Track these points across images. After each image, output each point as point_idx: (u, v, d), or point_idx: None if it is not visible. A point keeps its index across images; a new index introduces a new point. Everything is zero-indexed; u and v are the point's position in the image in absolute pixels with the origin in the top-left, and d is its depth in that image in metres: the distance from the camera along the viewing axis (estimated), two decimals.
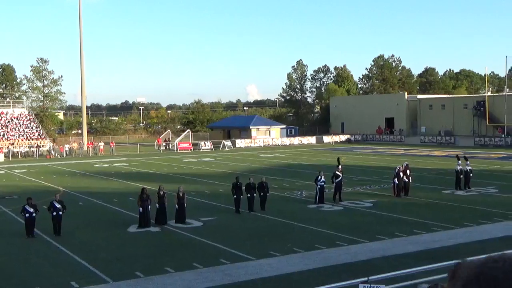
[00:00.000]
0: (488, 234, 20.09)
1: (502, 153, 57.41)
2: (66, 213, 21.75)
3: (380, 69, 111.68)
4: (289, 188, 33.05)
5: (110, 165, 51.96)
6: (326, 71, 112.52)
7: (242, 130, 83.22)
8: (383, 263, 16.04)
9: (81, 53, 73.34)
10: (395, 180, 29.32)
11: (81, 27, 72.56)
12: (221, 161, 54.09)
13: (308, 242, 19.00)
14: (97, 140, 77.62)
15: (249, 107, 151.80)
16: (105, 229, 22.12)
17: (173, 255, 17.77)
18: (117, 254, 18.06)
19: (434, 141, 76.44)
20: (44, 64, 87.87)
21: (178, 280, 15.09)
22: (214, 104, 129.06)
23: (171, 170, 46.09)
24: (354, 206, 26.41)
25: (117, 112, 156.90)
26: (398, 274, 12.89)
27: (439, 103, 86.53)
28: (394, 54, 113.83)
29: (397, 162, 37.18)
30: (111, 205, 28.05)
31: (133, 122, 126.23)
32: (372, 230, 20.91)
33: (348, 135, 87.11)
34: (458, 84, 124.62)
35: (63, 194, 28.54)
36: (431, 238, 19.59)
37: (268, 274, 15.49)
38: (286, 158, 56.73)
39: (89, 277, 15.53)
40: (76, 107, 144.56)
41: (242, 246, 18.64)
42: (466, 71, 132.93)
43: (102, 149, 68.39)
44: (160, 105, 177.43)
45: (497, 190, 30.90)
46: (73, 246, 19.23)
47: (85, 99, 77.67)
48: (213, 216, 24.28)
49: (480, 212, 24.18)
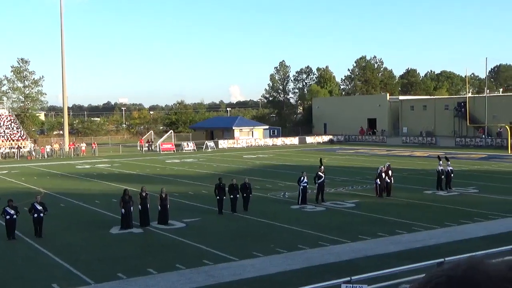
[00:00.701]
0: (469, 234, 20.30)
1: (482, 154, 58.01)
2: (48, 215, 21.58)
3: (362, 70, 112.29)
4: (272, 189, 33.10)
5: (92, 166, 51.63)
6: (308, 72, 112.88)
7: (225, 131, 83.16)
8: (365, 263, 16.13)
9: (63, 53, 72.83)
10: (377, 180, 29.50)
11: (62, 28, 72.06)
12: (204, 162, 54.01)
13: (291, 243, 19.05)
14: (79, 141, 77.07)
15: (232, 108, 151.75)
16: (87, 231, 21.98)
17: (155, 256, 17.71)
18: (99, 256, 17.96)
19: (416, 142, 77.02)
20: (25, 65, 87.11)
21: (161, 281, 15.05)
22: (197, 105, 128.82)
23: (154, 171, 45.92)
24: (337, 207, 26.53)
25: (99, 113, 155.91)
26: (380, 274, 12.98)
27: (420, 104, 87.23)
28: (376, 56, 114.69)
29: (379, 163, 37.41)
30: (93, 206, 27.87)
31: (115, 123, 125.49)
32: (354, 230, 21.02)
33: (331, 135, 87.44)
34: (439, 85, 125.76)
35: (44, 196, 28.32)
36: (413, 238, 19.75)
37: (251, 275, 15.51)
38: (269, 158, 56.80)
39: (71, 279, 15.43)
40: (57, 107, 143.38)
41: (225, 247, 18.64)
42: (447, 72, 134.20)
43: (84, 150, 67.91)
44: (142, 106, 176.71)
45: (478, 190, 31.21)
46: (55, 248, 19.09)
47: (66, 99, 77.10)
48: (196, 217, 24.24)
49: (461, 212, 24.42)
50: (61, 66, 73.15)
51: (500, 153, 58.40)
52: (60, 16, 71.43)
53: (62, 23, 71.84)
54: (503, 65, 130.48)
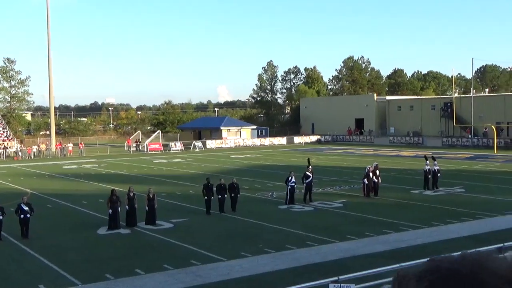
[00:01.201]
0: (455, 233, 20.43)
1: (469, 153, 58.43)
2: (34, 216, 21.44)
3: (350, 71, 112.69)
4: (260, 189, 33.11)
5: (79, 166, 51.37)
6: (296, 72, 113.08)
7: (213, 131, 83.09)
8: (353, 263, 16.19)
9: (49, 53, 72.42)
10: (364, 180, 29.61)
11: (49, 27, 71.64)
12: (191, 162, 53.92)
13: (279, 243, 19.07)
14: (66, 141, 76.65)
15: (219, 108, 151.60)
16: (74, 232, 21.87)
17: (143, 257, 17.66)
18: (86, 257, 17.87)
19: (403, 142, 77.40)
20: (11, 64, 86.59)
21: (148, 282, 15.01)
22: (185, 105, 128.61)
23: (141, 171, 45.78)
24: (325, 207, 26.59)
25: (86, 113, 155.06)
26: (368, 273, 13.03)
27: (407, 104, 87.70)
28: (363, 56, 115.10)
29: (366, 163, 37.54)
30: (80, 207, 27.72)
31: (103, 123, 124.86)
32: (342, 230, 21.09)
33: (319, 135, 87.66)
34: (426, 86, 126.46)
35: (31, 196, 28.14)
36: (400, 237, 19.85)
37: (239, 275, 15.51)
38: (257, 159, 56.82)
39: (58, 280, 15.35)
40: (44, 108, 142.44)
41: (213, 247, 18.62)
42: (434, 72, 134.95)
43: (71, 150, 67.54)
44: (130, 106, 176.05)
45: (464, 190, 31.43)
46: (41, 249, 18.97)
47: (53, 99, 76.65)
48: (184, 218, 24.19)
49: (448, 212, 24.57)
50: (48, 65, 72.75)
51: (486, 153, 58.86)
52: (47, 16, 71.06)
53: (49, 22, 71.46)
54: (489, 66, 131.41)
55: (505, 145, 65.11)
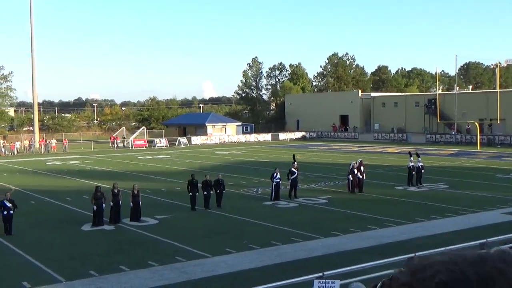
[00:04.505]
0: (439, 228, 20.60)
1: (452, 150, 58.88)
2: (17, 212, 21.27)
3: (335, 67, 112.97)
4: (245, 185, 33.11)
5: (63, 162, 51.00)
6: (281, 69, 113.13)
7: (198, 127, 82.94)
8: (337, 259, 16.26)
9: (32, 48, 71.72)
10: (349, 176, 29.73)
11: (32, 22, 70.96)
12: (176, 158, 53.78)
13: (264, 239, 19.10)
14: (49, 137, 75.99)
15: (204, 104, 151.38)
16: (58, 228, 21.73)
17: (128, 254, 17.60)
18: (70, 253, 17.76)
19: (387, 138, 77.80)
20: None
21: (133, 279, 14.96)
22: (169, 101, 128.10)
23: (126, 167, 45.56)
24: (310, 203, 26.66)
25: (70, 109, 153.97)
26: (352, 269, 13.09)
27: (391, 101, 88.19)
28: (348, 52, 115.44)
29: (351, 159, 37.67)
30: (64, 203, 27.55)
31: (87, 119, 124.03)
32: (327, 226, 21.16)
33: (304, 132, 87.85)
34: (410, 82, 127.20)
35: (14, 193, 27.91)
36: (384, 233, 19.96)
37: (224, 271, 15.51)
38: (242, 155, 56.81)
39: (41, 277, 15.24)
40: (27, 103, 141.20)
41: (198, 244, 18.60)
42: (418, 69, 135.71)
43: (54, 146, 67.05)
44: (114, 102, 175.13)
45: (448, 186, 31.67)
46: (25, 245, 18.82)
47: (36, 95, 76.04)
48: (169, 214, 24.13)
49: (432, 208, 24.75)
50: (31, 61, 72.05)
51: (470, 149, 59.36)
52: (30, 11, 70.38)
53: (32, 17, 70.79)
54: (472, 63, 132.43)
55: (488, 141, 65.69)
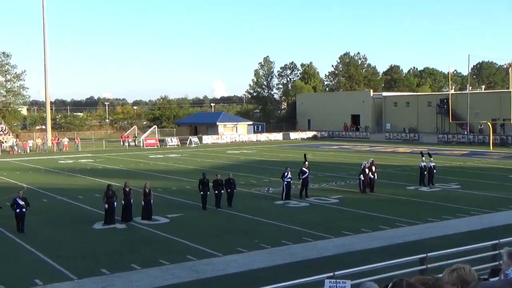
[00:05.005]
0: (451, 229, 20.49)
1: (464, 150, 58.53)
2: (30, 210, 21.39)
3: (346, 67, 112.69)
4: (256, 184, 33.12)
5: (75, 161, 51.28)
6: (292, 68, 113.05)
7: (209, 127, 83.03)
8: (348, 259, 16.22)
9: (45, 47, 72.14)
10: (360, 176, 29.65)
11: (44, 21, 71.36)
12: (187, 157, 53.90)
13: (275, 238, 19.09)
14: (62, 136, 76.48)
15: (216, 104, 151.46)
16: (69, 226, 21.85)
17: (139, 252, 17.66)
18: (82, 251, 17.86)
19: (399, 138, 77.49)
20: (7, 58, 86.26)
21: (144, 277, 15.01)
22: (181, 100, 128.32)
23: (138, 166, 45.74)
24: (321, 202, 26.62)
25: (82, 108, 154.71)
26: (363, 269, 13.04)
27: (403, 101, 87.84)
28: (359, 52, 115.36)
29: (363, 159, 37.56)
30: (76, 202, 27.70)
31: (99, 118, 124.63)
32: (338, 226, 21.12)
33: (315, 131, 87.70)
34: (422, 82, 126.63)
35: (27, 191, 28.09)
36: (395, 233, 19.89)
37: (235, 270, 15.53)
38: (253, 154, 56.83)
39: (53, 275, 15.33)
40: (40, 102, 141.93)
41: (209, 243, 18.63)
42: (430, 69, 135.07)
43: (66, 145, 67.44)
44: (126, 101, 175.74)
45: (460, 186, 31.49)
46: (37, 243, 18.94)
47: (49, 94, 76.55)
48: (180, 213, 24.19)
49: (443, 208, 24.63)
50: (44, 60, 72.48)
51: (482, 149, 58.98)
52: (43, 10, 70.78)
53: (45, 16, 71.21)
54: (485, 62, 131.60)
55: (500, 142, 65.24)
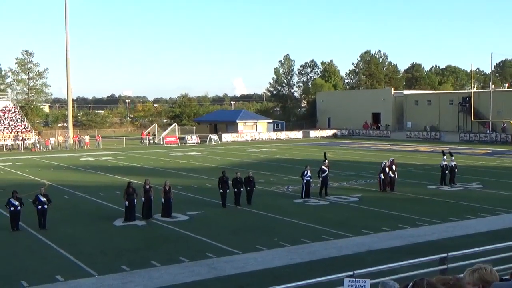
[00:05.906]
0: (472, 228, 20.28)
1: (487, 149, 57.90)
2: (52, 207, 21.63)
3: (367, 65, 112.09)
4: (275, 182, 33.10)
5: (96, 158, 51.72)
6: (313, 66, 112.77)
7: (229, 124, 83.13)
8: (368, 258, 16.14)
9: (67, 45, 72.78)
10: (381, 175, 29.47)
11: (66, 19, 71.99)
12: (207, 155, 54.04)
13: (294, 236, 19.06)
14: (83, 133, 77.19)
15: (236, 101, 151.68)
16: (90, 223, 22.03)
17: (159, 249, 17.75)
18: (102, 248, 18.00)
19: (420, 137, 76.89)
20: (29, 57, 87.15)
21: (163, 274, 15.08)
22: (201, 98, 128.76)
23: (158, 164, 45.97)
24: (340, 201, 26.52)
25: (103, 105, 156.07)
26: (383, 268, 12.96)
27: (425, 99, 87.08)
28: (380, 50, 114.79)
29: (383, 157, 37.36)
30: (97, 198, 27.93)
31: (120, 116, 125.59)
32: (357, 224, 21.02)
33: (335, 130, 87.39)
34: (444, 80, 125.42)
35: (48, 188, 28.38)
36: (416, 232, 19.74)
37: (254, 268, 15.53)
38: (272, 152, 56.80)
39: (74, 271, 15.47)
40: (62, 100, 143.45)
41: (228, 240, 18.66)
42: (452, 67, 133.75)
43: (88, 142, 68.03)
44: (146, 99, 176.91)
45: (482, 186, 31.16)
46: (58, 239, 19.14)
47: (70, 92, 77.20)
48: (200, 210, 24.27)
49: (465, 207, 24.39)
50: (66, 58, 73.15)
51: (505, 148, 58.31)
52: (65, 8, 71.42)
53: (67, 15, 71.82)
54: (508, 60, 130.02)
55: None
